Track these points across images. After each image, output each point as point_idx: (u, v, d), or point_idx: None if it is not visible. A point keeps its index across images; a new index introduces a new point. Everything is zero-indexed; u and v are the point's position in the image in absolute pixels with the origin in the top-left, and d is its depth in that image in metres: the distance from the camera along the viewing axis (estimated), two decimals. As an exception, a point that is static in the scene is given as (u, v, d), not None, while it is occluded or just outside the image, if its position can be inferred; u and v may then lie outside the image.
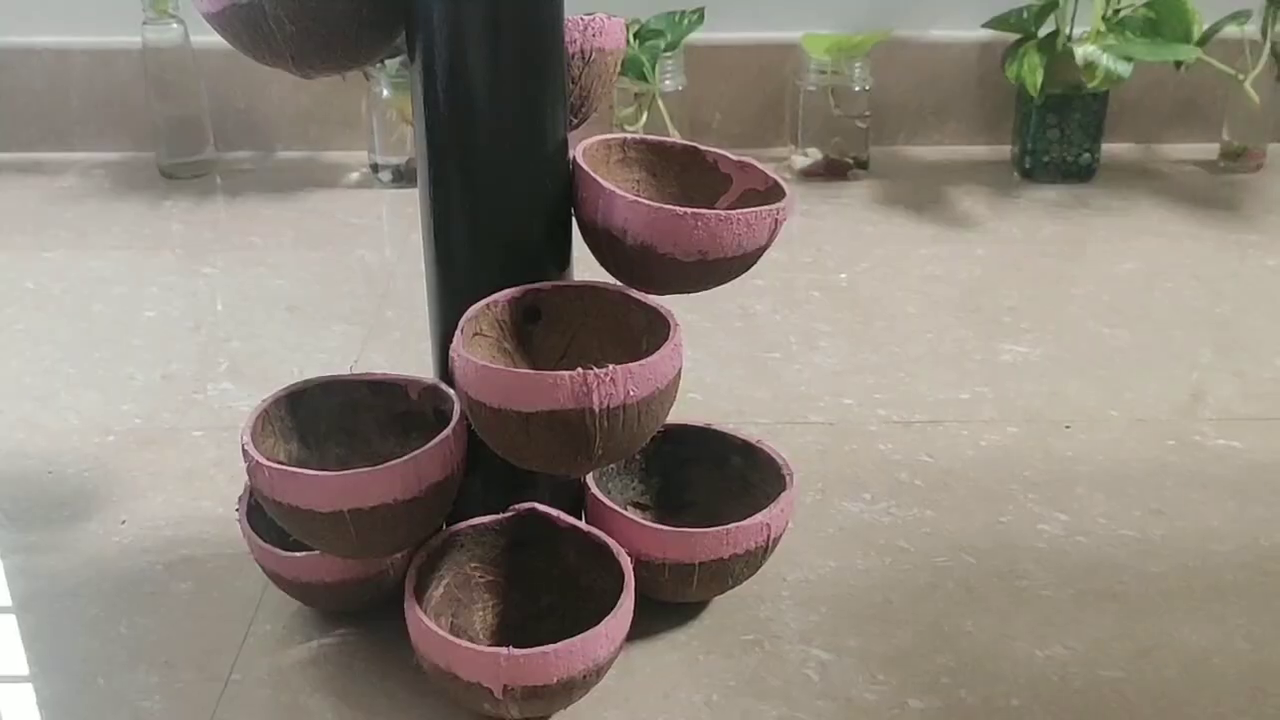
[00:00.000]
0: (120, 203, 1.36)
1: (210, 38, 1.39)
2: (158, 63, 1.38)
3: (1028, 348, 1.05)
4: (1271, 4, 1.34)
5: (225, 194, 1.39)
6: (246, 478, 0.66)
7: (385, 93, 1.35)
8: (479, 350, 0.65)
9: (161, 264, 1.22)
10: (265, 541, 0.70)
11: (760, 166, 0.71)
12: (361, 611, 0.73)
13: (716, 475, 0.77)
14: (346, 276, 1.19)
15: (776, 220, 0.66)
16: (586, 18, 0.67)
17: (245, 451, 0.64)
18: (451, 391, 0.66)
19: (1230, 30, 1.34)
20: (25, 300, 1.15)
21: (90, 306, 1.13)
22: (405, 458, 0.62)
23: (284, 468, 0.62)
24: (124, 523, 0.83)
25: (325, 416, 0.70)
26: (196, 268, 1.21)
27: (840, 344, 1.05)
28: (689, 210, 0.63)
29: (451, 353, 0.62)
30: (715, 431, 0.78)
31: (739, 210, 0.64)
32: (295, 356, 1.04)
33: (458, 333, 0.63)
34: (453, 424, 0.64)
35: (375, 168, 1.41)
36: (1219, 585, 0.76)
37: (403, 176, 1.39)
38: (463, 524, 0.68)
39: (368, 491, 0.61)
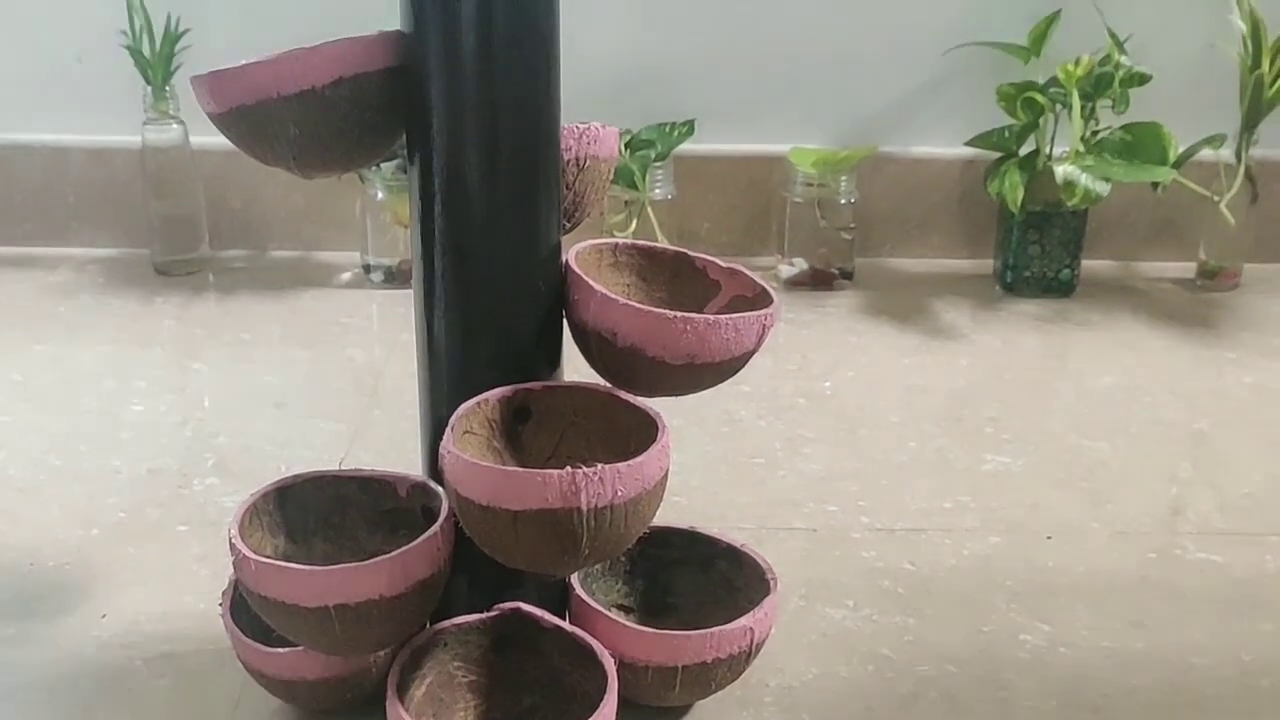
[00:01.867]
0: (113, 298, 1.37)
1: (208, 138, 1.42)
2: (156, 162, 1.40)
3: (1010, 458, 1.06)
4: (1245, 129, 1.38)
5: (218, 291, 1.40)
6: (231, 572, 0.67)
7: (379, 195, 1.38)
8: (469, 448, 0.66)
9: (151, 359, 1.23)
10: (248, 637, 0.69)
11: (748, 273, 0.72)
12: (343, 710, 0.72)
13: (701, 578, 0.77)
14: (335, 375, 1.20)
15: (764, 326, 0.67)
16: (582, 126, 0.69)
17: (232, 545, 0.64)
18: (440, 489, 0.67)
19: (1205, 153, 1.37)
20: (13, 392, 1.15)
21: (78, 400, 1.14)
22: (392, 554, 0.62)
23: (270, 561, 0.62)
24: (104, 617, 0.82)
25: (313, 512, 0.71)
26: (186, 363, 1.22)
27: (824, 451, 1.06)
28: (678, 314, 0.64)
29: (441, 450, 0.63)
30: (700, 535, 0.78)
31: (727, 315, 0.66)
32: (282, 453, 1.04)
33: (448, 430, 0.64)
34: (440, 521, 0.64)
35: (367, 268, 1.42)
36: (1200, 700, 0.76)
37: (394, 277, 1.41)
38: (447, 622, 0.68)
39: (354, 587, 0.61)
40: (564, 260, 0.69)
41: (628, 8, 1.44)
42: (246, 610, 0.71)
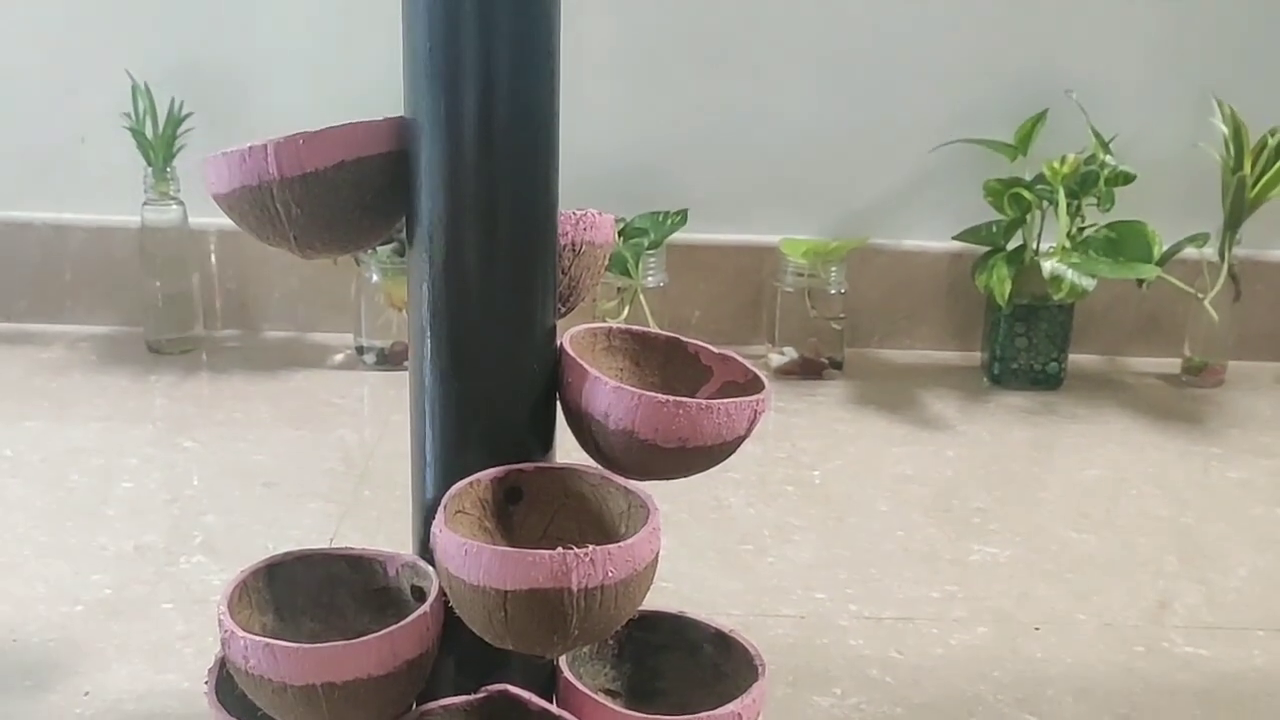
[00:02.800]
0: (105, 375, 1.38)
1: (206, 219, 1.44)
2: (154, 241, 1.42)
3: (997, 549, 1.06)
4: (1228, 228, 1.40)
5: (210, 370, 1.41)
6: (217, 650, 0.66)
7: (374, 277, 1.39)
8: (460, 528, 0.66)
9: (142, 436, 1.23)
10: (232, 716, 0.69)
11: (740, 359, 0.73)
12: (324, 792, 0.71)
13: (689, 663, 0.77)
14: (326, 455, 1.20)
15: (756, 411, 0.68)
16: (579, 212, 0.71)
17: (221, 621, 0.64)
18: (430, 569, 0.67)
19: (1189, 251, 1.40)
20: (2, 467, 1.15)
21: (67, 476, 1.14)
22: (381, 633, 0.62)
23: (258, 638, 0.62)
24: (87, 694, 0.82)
25: (302, 590, 0.71)
26: (177, 441, 1.22)
27: (812, 539, 1.07)
28: (671, 398, 0.65)
29: (433, 529, 0.63)
30: (688, 619, 0.78)
31: (719, 400, 0.66)
32: (270, 532, 1.04)
33: (440, 509, 0.64)
34: (430, 600, 0.64)
35: (360, 350, 1.43)
36: (1189, 793, 0.76)
37: (387, 359, 1.42)
38: (433, 703, 0.68)
39: (342, 666, 0.61)
40: (559, 343, 0.70)
41: (624, 99, 1.47)
42: (232, 689, 0.70)
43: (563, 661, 0.72)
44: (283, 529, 1.05)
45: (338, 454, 1.20)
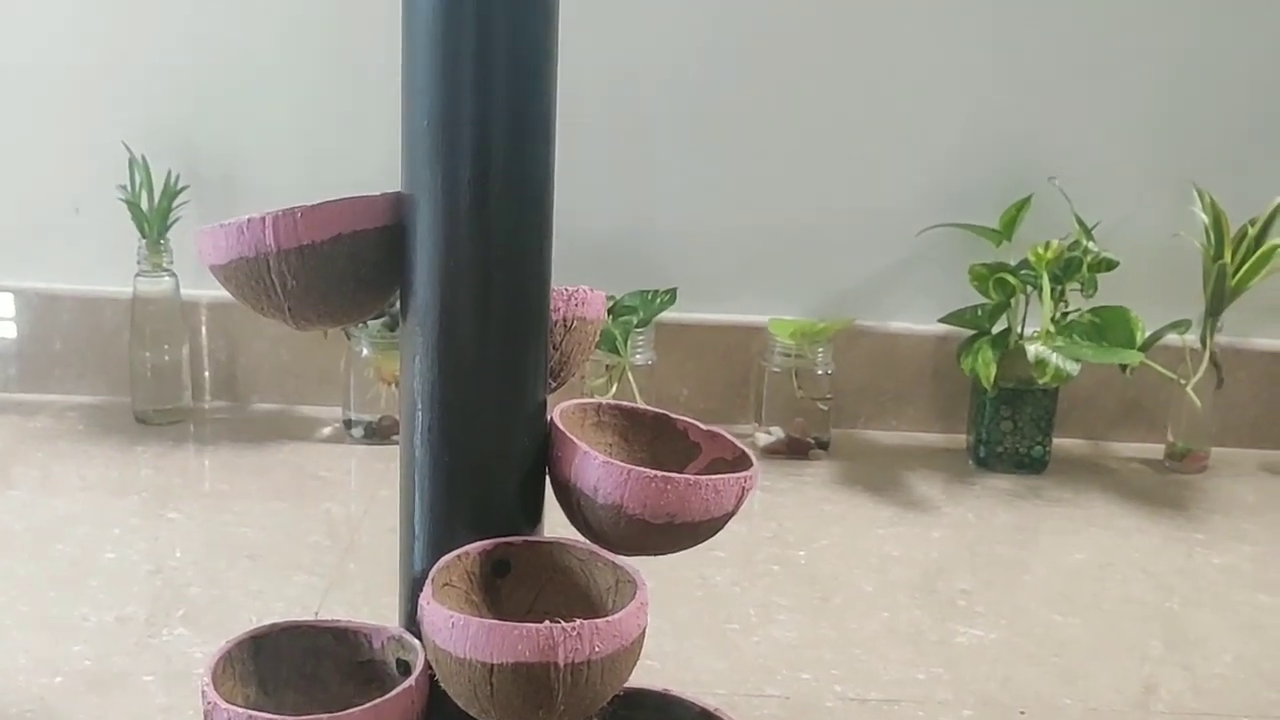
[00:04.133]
0: (92, 445, 1.38)
1: (198, 290, 1.45)
2: (145, 312, 1.42)
3: (983, 631, 1.06)
4: (1209, 315, 1.42)
5: (197, 442, 1.41)
6: (200, 721, 0.66)
7: (364, 351, 1.40)
8: (447, 600, 0.66)
9: (127, 507, 1.23)
10: (212, 789, 0.68)
11: (728, 436, 0.74)
12: None
13: (673, 742, 0.77)
14: (312, 528, 1.19)
15: (744, 488, 0.68)
16: (571, 289, 0.72)
17: (204, 693, 0.64)
18: (416, 642, 0.67)
19: (1171, 338, 1.41)
20: (-15, 536, 1.15)
21: (51, 546, 1.13)
22: (366, 705, 0.62)
23: (242, 711, 0.62)
24: (64, 767, 0.81)
25: (286, 662, 0.70)
26: (162, 512, 1.22)
27: (798, 619, 1.06)
28: (660, 473, 0.66)
29: (420, 601, 0.63)
30: (674, 697, 0.78)
31: (708, 476, 0.67)
32: (254, 605, 1.04)
33: (428, 583, 0.64)
34: (415, 674, 0.64)
35: (348, 424, 1.43)
36: None
37: (375, 433, 1.42)
38: (416, 779, 0.67)
39: (325, 739, 0.61)
40: (549, 418, 0.70)
41: (615, 179, 1.49)
42: (212, 762, 0.70)
43: (547, 738, 0.72)
44: (267, 601, 1.04)
45: (324, 527, 1.20)
